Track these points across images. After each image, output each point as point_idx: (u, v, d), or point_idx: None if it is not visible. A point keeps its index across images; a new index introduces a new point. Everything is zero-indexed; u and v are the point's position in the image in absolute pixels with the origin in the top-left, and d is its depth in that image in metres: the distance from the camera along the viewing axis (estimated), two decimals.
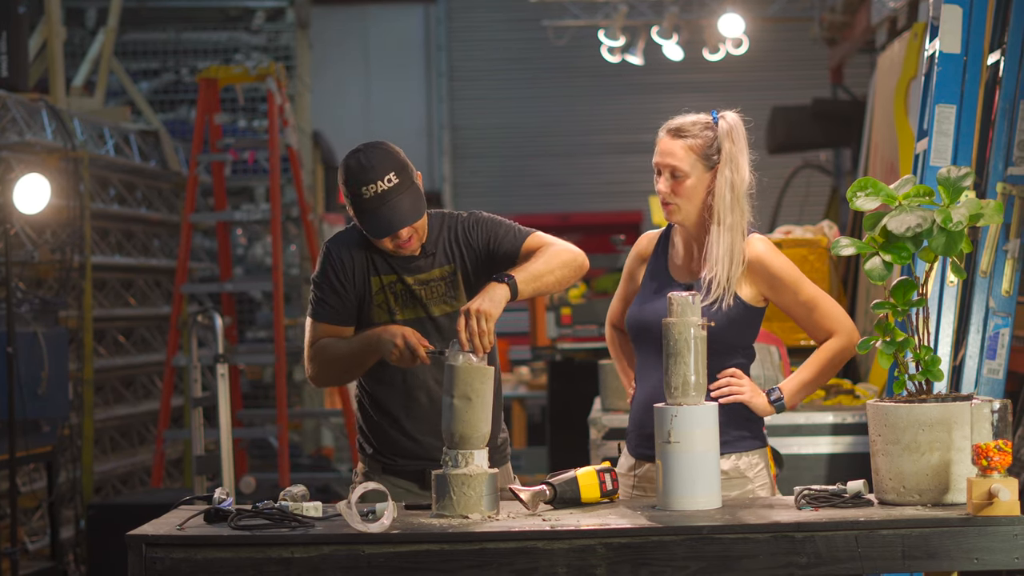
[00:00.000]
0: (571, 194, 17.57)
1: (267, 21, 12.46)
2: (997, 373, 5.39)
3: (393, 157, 4.23)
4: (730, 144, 4.19)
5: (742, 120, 4.25)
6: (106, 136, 9.64)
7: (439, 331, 4.29)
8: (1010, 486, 3.55)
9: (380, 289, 4.30)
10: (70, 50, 11.30)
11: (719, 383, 4.17)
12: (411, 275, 4.30)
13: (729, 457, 4.16)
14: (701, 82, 16.19)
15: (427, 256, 4.31)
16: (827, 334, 4.22)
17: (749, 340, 4.27)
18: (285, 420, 8.99)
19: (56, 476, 7.80)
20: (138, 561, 3.64)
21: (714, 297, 4.15)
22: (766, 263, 4.20)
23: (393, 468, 4.36)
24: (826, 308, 4.23)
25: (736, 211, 4.18)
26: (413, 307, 4.31)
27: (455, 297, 4.31)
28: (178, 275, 9.24)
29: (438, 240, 4.33)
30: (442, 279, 4.32)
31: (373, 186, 4.17)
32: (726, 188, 4.18)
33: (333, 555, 3.62)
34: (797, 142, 13.57)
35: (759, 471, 4.22)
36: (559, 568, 3.60)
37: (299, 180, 9.73)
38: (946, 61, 5.46)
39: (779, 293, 4.22)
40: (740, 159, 4.20)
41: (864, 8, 11.22)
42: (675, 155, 4.20)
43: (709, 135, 4.20)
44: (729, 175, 4.18)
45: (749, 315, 4.22)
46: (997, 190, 5.39)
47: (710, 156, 4.20)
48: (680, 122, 4.24)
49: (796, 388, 4.23)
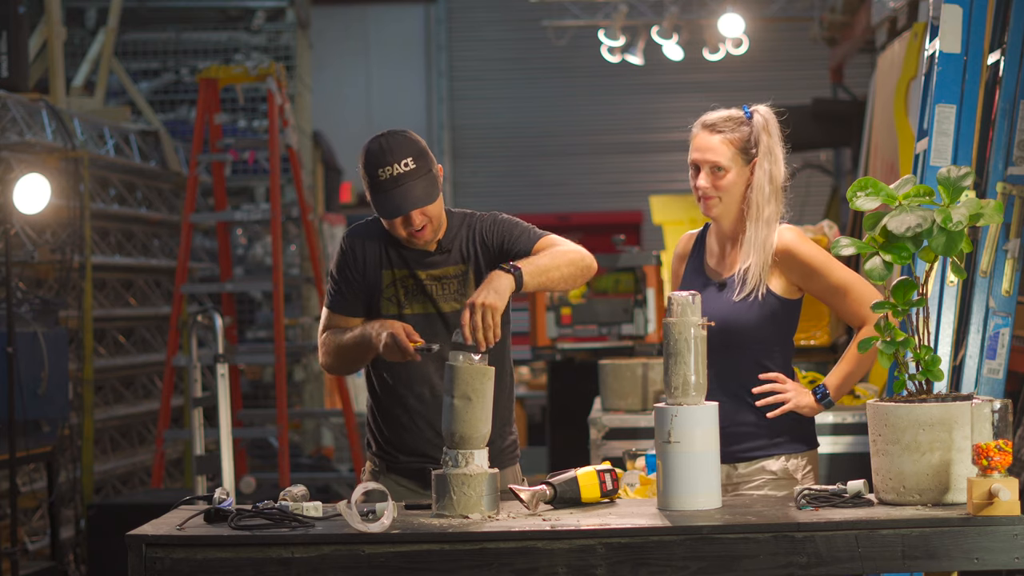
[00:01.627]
0: (571, 194, 17.58)
1: (267, 21, 12.45)
2: (997, 373, 5.39)
3: (413, 144, 4.26)
4: (767, 137, 4.21)
5: (774, 113, 4.26)
6: (106, 136, 9.64)
7: (448, 327, 4.29)
8: (1010, 486, 3.55)
9: (391, 283, 4.33)
10: (70, 50, 11.30)
11: (763, 389, 4.17)
12: (424, 270, 4.33)
13: (779, 458, 4.17)
14: (701, 82, 16.19)
15: (443, 252, 4.34)
16: (862, 321, 4.21)
17: (787, 335, 4.26)
18: (285, 420, 8.99)
19: (56, 476, 7.80)
20: (138, 561, 3.64)
21: (750, 287, 4.15)
22: (795, 251, 4.21)
23: (396, 466, 4.36)
24: (859, 292, 4.22)
25: (773, 202, 4.21)
26: (423, 302, 4.33)
27: (465, 295, 4.33)
28: (178, 275, 9.23)
29: (455, 238, 4.36)
30: (455, 277, 4.34)
31: (389, 168, 4.21)
32: (765, 180, 4.20)
33: (333, 555, 3.61)
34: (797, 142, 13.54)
35: (807, 472, 4.23)
36: (559, 568, 3.60)
37: (299, 180, 9.74)
38: (946, 61, 5.46)
39: (811, 280, 4.22)
40: (777, 150, 4.24)
41: (864, 8, 11.22)
42: (715, 150, 4.21)
43: (745, 130, 4.22)
44: (768, 167, 4.20)
45: (785, 309, 4.22)
46: (997, 190, 5.39)
47: (748, 150, 4.21)
48: (715, 117, 4.25)
49: (839, 382, 4.25)
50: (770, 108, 4.28)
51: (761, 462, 4.18)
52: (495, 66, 18.02)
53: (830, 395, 4.23)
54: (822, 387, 4.23)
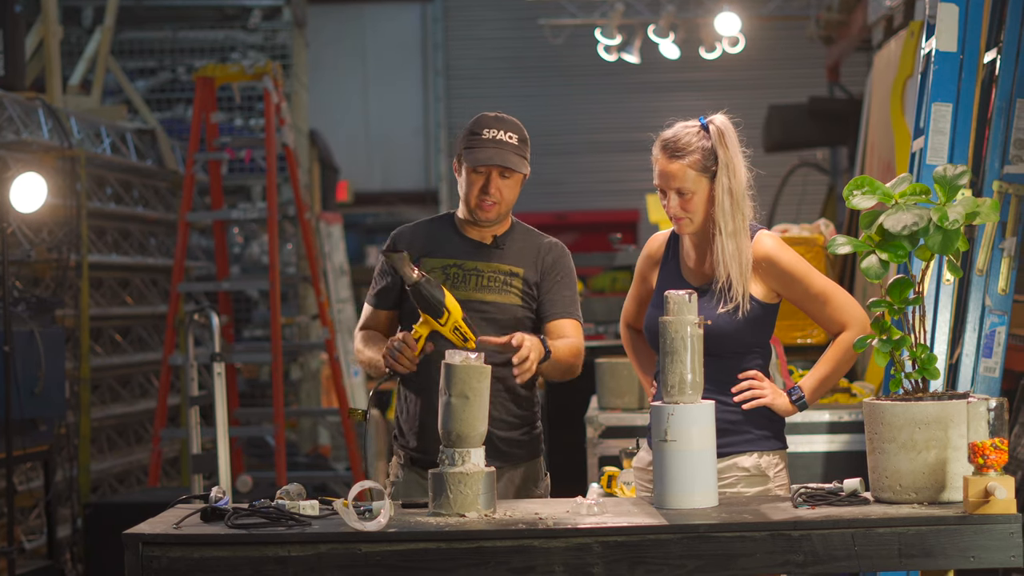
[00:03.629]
0: (568, 192, 17.58)
1: (264, 20, 12.44)
2: (993, 371, 5.39)
3: (522, 130, 4.49)
4: (724, 151, 4.20)
5: (730, 120, 4.26)
6: (103, 135, 9.64)
7: (483, 315, 4.40)
8: (1006, 484, 3.55)
9: (433, 269, 4.43)
10: (67, 49, 11.29)
11: (741, 386, 4.19)
12: (474, 260, 4.46)
13: (751, 455, 4.18)
14: (697, 80, 16.21)
15: (497, 248, 4.48)
16: (840, 327, 4.23)
17: (765, 338, 4.29)
18: (282, 419, 8.98)
19: (53, 475, 7.79)
20: (135, 560, 3.64)
21: (733, 304, 4.16)
22: (775, 259, 4.22)
23: (419, 461, 4.45)
24: (838, 300, 4.24)
25: (738, 216, 4.19)
26: (465, 289, 4.43)
27: (511, 293, 4.45)
28: (175, 274, 9.23)
29: (513, 242, 4.51)
30: (504, 274, 4.47)
31: (495, 132, 4.43)
32: (724, 196, 4.20)
33: (330, 553, 3.61)
34: (794, 140, 13.58)
35: (779, 471, 4.23)
36: (556, 566, 3.60)
37: (296, 179, 9.73)
38: (942, 59, 5.46)
39: (790, 288, 4.24)
40: (735, 162, 4.21)
41: (861, 7, 11.23)
42: (677, 177, 4.22)
43: (705, 145, 4.20)
44: (727, 182, 4.20)
45: (764, 313, 4.24)
46: (993, 188, 5.39)
47: (709, 167, 4.21)
48: (673, 138, 4.23)
49: (815, 385, 4.26)
50: (726, 116, 4.27)
51: (734, 458, 4.19)
52: (492, 65, 18.03)
53: (805, 397, 4.25)
54: (797, 389, 4.25)
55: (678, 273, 4.33)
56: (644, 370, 4.54)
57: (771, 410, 4.23)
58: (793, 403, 4.24)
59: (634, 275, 4.53)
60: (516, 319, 4.43)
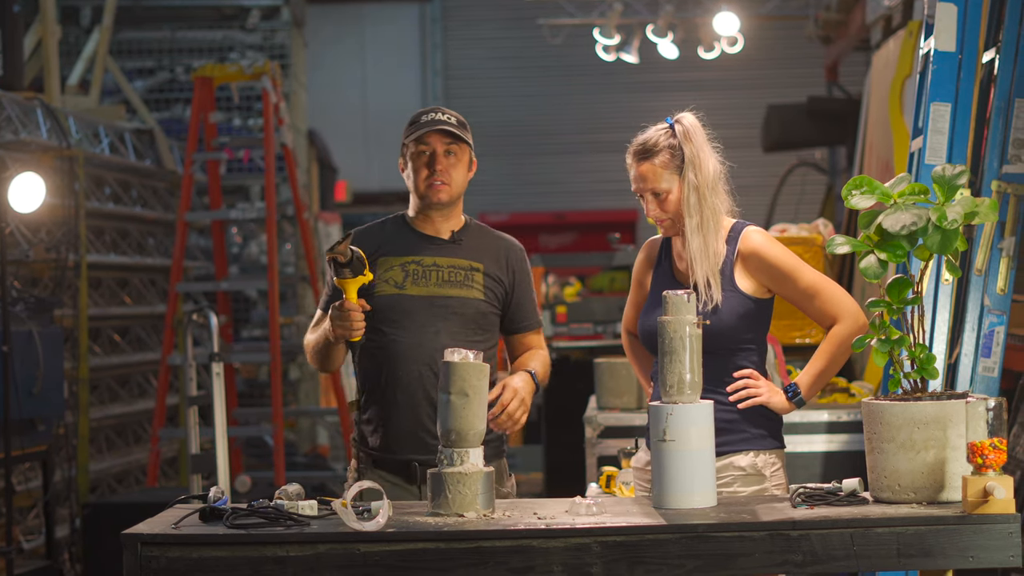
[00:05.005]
0: (567, 192, 17.58)
1: (262, 20, 12.44)
2: (992, 371, 5.39)
3: (462, 117, 4.50)
4: (689, 146, 4.25)
5: (697, 117, 4.31)
6: (101, 135, 9.63)
7: (446, 310, 4.40)
8: (1005, 484, 3.55)
9: (391, 267, 4.43)
10: (65, 49, 11.30)
11: (736, 385, 4.19)
12: (432, 256, 4.45)
13: (747, 454, 4.19)
14: (696, 80, 16.20)
15: (455, 243, 4.48)
16: (832, 320, 4.24)
17: (760, 334, 4.29)
18: (280, 419, 8.98)
19: (51, 475, 7.79)
20: (133, 560, 3.63)
21: (703, 300, 4.17)
22: (762, 254, 4.23)
23: (382, 462, 4.43)
24: (829, 294, 4.24)
25: (705, 209, 4.23)
26: (425, 285, 4.43)
27: (472, 288, 4.44)
28: (173, 274, 9.23)
29: (470, 237, 4.50)
30: (464, 269, 4.46)
31: (432, 114, 4.45)
32: (690, 191, 4.25)
33: (329, 553, 3.61)
34: (792, 140, 13.59)
35: (776, 470, 4.24)
36: (555, 566, 3.60)
37: (294, 179, 9.73)
38: (941, 59, 5.46)
39: (779, 283, 4.25)
40: (701, 157, 4.25)
41: (859, 6, 11.23)
42: (649, 178, 4.27)
43: (673, 143, 4.26)
44: (692, 178, 4.24)
45: (755, 308, 4.24)
46: (992, 188, 5.39)
47: (679, 165, 4.24)
48: (642, 141, 4.30)
49: (811, 380, 4.27)
50: (693, 113, 4.31)
51: (730, 457, 4.19)
52: (490, 64, 18.03)
53: (801, 393, 4.25)
54: (794, 385, 4.26)
55: (671, 275, 4.36)
56: (646, 375, 4.55)
57: (768, 409, 4.23)
58: (790, 400, 4.24)
59: (631, 281, 4.55)
60: (480, 313, 4.45)
